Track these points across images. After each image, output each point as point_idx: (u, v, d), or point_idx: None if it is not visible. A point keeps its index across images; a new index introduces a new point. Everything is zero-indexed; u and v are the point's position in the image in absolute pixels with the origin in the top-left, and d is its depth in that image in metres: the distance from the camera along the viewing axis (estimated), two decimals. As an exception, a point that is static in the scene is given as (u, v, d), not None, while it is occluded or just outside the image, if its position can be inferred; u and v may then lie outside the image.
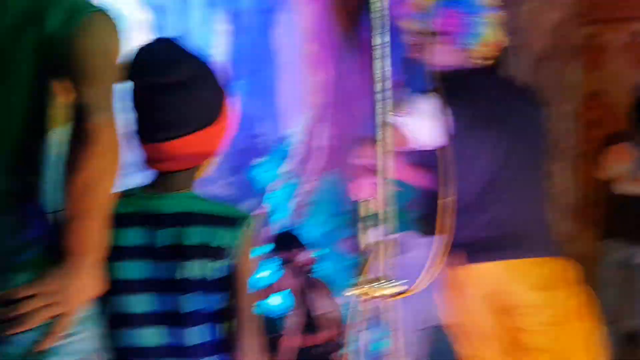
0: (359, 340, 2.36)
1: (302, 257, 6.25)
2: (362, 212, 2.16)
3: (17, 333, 1.64)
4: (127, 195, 1.93)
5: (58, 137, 1.73)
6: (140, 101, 1.94)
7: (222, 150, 2.03)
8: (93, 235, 1.67)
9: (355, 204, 2.72)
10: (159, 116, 1.92)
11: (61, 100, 1.71)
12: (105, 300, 1.81)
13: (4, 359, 1.64)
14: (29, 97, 1.71)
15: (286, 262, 6.27)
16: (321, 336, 6.38)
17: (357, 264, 2.32)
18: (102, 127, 1.64)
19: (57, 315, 1.66)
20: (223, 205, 1.99)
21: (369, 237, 2.13)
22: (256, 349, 1.93)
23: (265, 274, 5.20)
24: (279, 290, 6.27)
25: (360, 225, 2.15)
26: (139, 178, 2.01)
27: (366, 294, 2.09)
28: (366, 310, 2.12)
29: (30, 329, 1.64)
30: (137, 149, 1.97)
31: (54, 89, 1.72)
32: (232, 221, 1.93)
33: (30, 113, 1.71)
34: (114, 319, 1.88)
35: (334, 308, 6.44)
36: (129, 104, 1.93)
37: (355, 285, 2.12)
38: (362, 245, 2.15)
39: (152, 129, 1.93)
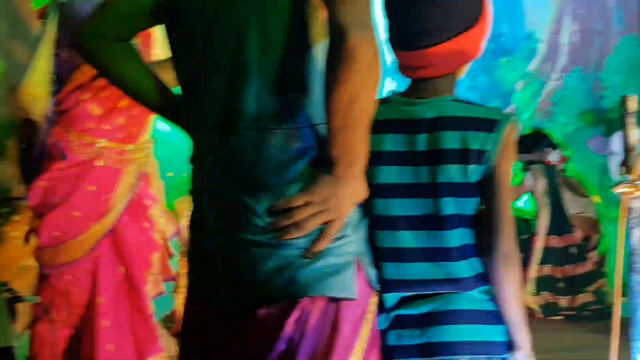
0: (628, 237, 2.27)
1: (553, 156, 6.11)
2: (630, 107, 2.05)
3: (293, 238, 1.72)
4: (384, 102, 1.94)
5: (321, 51, 1.75)
6: (397, 9, 1.94)
7: (480, 52, 1.99)
8: (357, 146, 1.70)
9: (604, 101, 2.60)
10: (418, 24, 1.90)
11: (323, 15, 1.72)
12: (366, 204, 1.84)
13: (282, 261, 1.73)
14: (290, 14, 1.73)
15: (535, 163, 6.16)
16: (576, 236, 6.26)
17: (618, 162, 2.23)
18: (362, 44, 1.63)
19: (328, 221, 1.72)
20: (482, 108, 1.96)
21: (636, 132, 2.03)
22: (514, 252, 1.92)
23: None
24: (528, 191, 6.19)
25: (627, 120, 2.04)
26: (394, 84, 2.02)
27: (636, 190, 2.01)
28: (635, 208, 2.04)
29: (305, 234, 1.72)
30: (392, 56, 1.97)
31: (315, 4, 1.73)
32: (491, 124, 1.90)
33: (292, 29, 1.74)
34: (374, 221, 1.92)
35: (588, 207, 6.28)
36: (382, 11, 1.93)
37: (622, 182, 2.05)
38: (630, 142, 2.05)
39: (410, 36, 1.92)
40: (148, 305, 3.26)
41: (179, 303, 4.56)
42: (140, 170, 3.22)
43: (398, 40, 1.95)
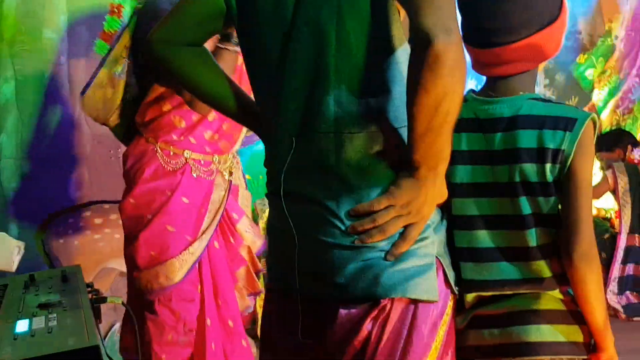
0: None
1: (635, 154, 5.99)
2: None
3: (376, 241, 1.73)
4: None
5: (403, 54, 1.74)
6: (474, 6, 1.92)
7: (558, 49, 1.96)
8: (440, 149, 1.69)
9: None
10: (497, 21, 1.88)
11: (404, 18, 1.70)
12: (444, 204, 1.84)
13: (364, 263, 1.74)
14: (370, 18, 1.72)
15: (616, 160, 6.04)
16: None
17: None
18: (447, 50, 1.58)
19: (410, 224, 1.72)
20: (560, 106, 1.92)
21: None
22: (593, 251, 1.88)
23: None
24: (610, 190, 6.08)
25: None
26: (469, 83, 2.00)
27: None
28: None
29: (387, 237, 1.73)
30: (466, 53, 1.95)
31: (396, 7, 1.72)
32: (569, 122, 1.86)
33: (372, 33, 1.73)
34: (452, 221, 1.92)
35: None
36: (458, 9, 1.91)
37: None
38: None
39: (488, 33, 1.90)
40: (240, 323, 3.23)
41: (258, 304, 4.59)
42: (229, 182, 3.18)
43: (474, 37, 1.93)
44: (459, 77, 1.61)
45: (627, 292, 6.04)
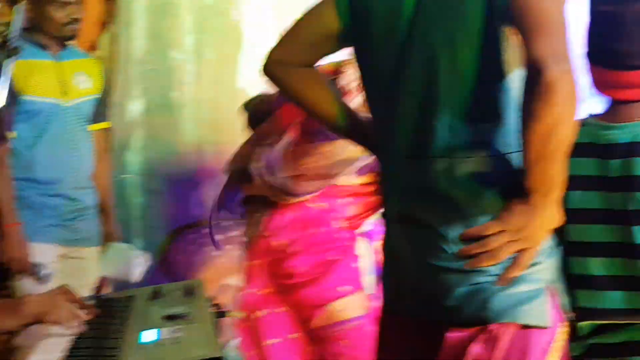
0: None
1: None
2: None
3: (485, 266, 1.73)
4: (580, 124, 1.88)
5: (516, 80, 1.73)
6: (608, 27, 1.90)
7: None
8: (554, 176, 1.67)
9: None
10: (634, 43, 1.87)
11: (517, 43, 1.69)
12: (559, 230, 1.81)
13: (474, 287, 1.74)
14: (482, 43, 1.73)
15: None
16: None
17: None
18: (560, 78, 1.57)
19: (522, 250, 1.71)
20: None
21: None
22: None
23: None
24: None
25: None
26: (590, 106, 1.98)
27: None
28: None
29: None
30: (588, 74, 1.93)
31: (508, 33, 1.72)
32: None
33: (484, 59, 1.74)
34: (567, 247, 1.91)
35: None
36: (586, 28, 1.91)
37: None
38: None
39: (620, 55, 1.88)
40: None
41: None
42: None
43: (604, 57, 1.92)
44: (572, 105, 1.61)
45: None
